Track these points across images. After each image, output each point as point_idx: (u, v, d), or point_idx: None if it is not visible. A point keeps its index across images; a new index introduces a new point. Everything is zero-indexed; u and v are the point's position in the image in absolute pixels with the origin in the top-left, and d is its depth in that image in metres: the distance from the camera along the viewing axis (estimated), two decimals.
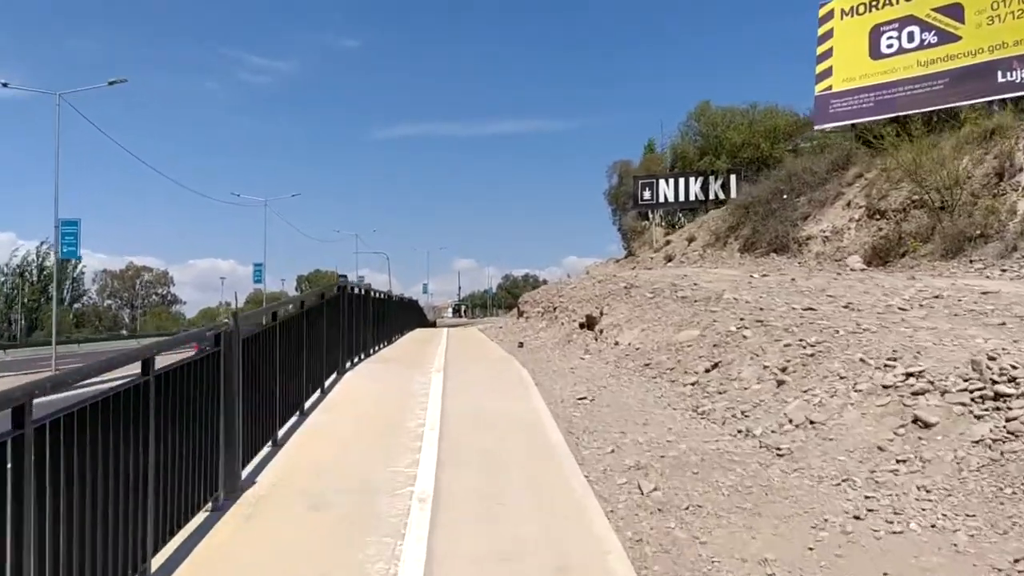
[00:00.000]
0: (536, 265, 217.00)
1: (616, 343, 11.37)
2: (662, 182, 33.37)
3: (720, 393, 7.30)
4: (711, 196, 32.68)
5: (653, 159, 42.61)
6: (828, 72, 19.43)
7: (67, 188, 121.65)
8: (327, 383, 8.40)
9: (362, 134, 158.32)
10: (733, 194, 32.17)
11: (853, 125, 19.26)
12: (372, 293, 15.44)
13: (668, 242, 26.15)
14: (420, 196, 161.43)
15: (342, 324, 9.69)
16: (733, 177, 31.81)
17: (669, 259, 22.55)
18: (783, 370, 6.97)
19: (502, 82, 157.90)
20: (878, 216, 14.90)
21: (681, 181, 33.14)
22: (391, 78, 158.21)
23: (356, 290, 12.72)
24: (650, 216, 37.48)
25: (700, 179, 32.69)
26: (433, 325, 38.94)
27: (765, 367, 7.25)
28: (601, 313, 14.23)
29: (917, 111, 18.01)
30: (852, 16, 19.06)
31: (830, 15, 19.50)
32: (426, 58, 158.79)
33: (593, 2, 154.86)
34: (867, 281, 11.19)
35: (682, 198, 33.27)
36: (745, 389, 7.10)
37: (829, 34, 19.51)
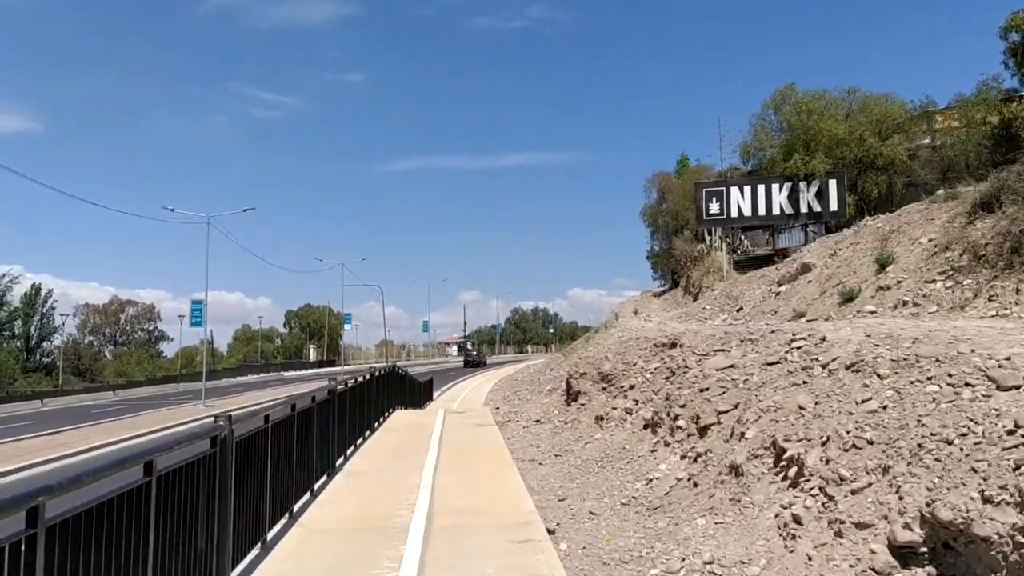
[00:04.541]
0: (542, 297, 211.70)
1: None
2: (735, 191, 25.39)
3: None
4: (803, 208, 24.72)
5: (690, 174, 34.64)
6: None
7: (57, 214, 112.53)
8: None
9: (365, 166, 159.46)
10: (833, 206, 24.26)
11: None
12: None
13: (805, 266, 17.62)
14: (422, 227, 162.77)
15: None
16: (833, 183, 23.94)
17: (847, 299, 13.94)
18: None
19: (503, 116, 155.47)
20: None
21: (761, 189, 25.23)
22: (395, 111, 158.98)
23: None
24: (707, 238, 29.26)
25: (787, 186, 24.76)
26: (427, 394, 23.96)
27: None
28: None
29: None
30: None
31: None
32: (428, 92, 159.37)
33: (592, 38, 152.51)
34: None
35: (762, 211, 25.35)
36: None
37: None
